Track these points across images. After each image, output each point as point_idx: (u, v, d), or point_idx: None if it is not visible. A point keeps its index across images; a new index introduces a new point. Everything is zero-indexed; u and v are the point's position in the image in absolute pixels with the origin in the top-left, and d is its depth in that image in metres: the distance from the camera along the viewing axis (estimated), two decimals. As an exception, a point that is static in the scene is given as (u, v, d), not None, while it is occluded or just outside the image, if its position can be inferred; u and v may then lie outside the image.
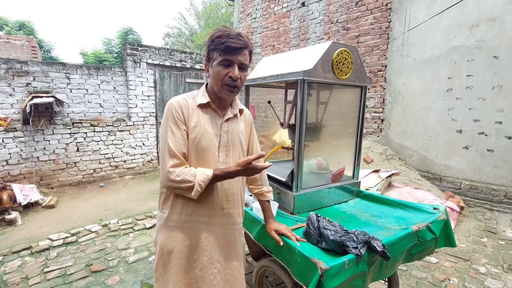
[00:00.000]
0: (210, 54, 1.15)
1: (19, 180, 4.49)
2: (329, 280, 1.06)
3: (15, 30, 14.14)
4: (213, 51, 1.12)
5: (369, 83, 1.94)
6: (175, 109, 1.13)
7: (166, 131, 1.13)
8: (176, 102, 1.16)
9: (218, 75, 1.13)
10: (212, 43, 1.12)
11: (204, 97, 1.19)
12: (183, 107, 1.15)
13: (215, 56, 1.12)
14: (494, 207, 3.74)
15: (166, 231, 1.20)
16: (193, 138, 1.15)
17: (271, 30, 7.02)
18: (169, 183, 1.10)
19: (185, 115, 1.15)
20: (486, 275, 2.42)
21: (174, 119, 1.13)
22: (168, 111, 1.15)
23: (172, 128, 1.12)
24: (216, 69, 1.13)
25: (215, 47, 1.11)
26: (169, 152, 1.11)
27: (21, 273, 2.50)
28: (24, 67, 4.57)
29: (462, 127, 4.00)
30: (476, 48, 3.81)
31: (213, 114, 1.22)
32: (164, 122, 1.16)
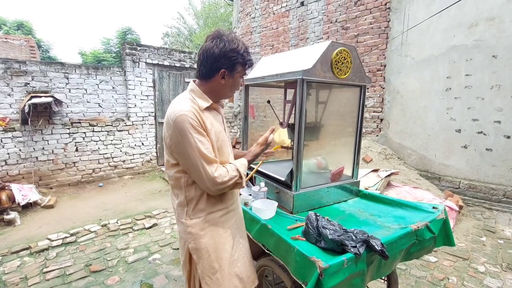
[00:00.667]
0: (235, 66, 1.19)
1: (18, 180, 4.47)
2: (328, 279, 1.06)
3: (13, 29, 14.10)
4: (238, 64, 1.19)
5: (368, 82, 1.94)
6: (192, 119, 1.10)
7: (194, 142, 1.10)
8: (189, 111, 1.12)
9: (237, 85, 1.26)
10: (241, 57, 1.18)
11: (205, 100, 1.21)
12: (197, 115, 1.13)
13: (239, 69, 1.21)
14: (493, 206, 3.75)
15: (209, 231, 1.23)
16: (215, 141, 1.19)
17: (270, 30, 7.02)
18: (219, 187, 1.14)
19: (201, 122, 1.14)
20: (485, 274, 2.42)
21: (195, 129, 1.11)
22: (185, 123, 1.10)
23: (197, 137, 1.11)
24: (237, 80, 1.24)
25: (243, 62, 1.20)
26: (206, 161, 1.12)
27: (20, 273, 2.50)
28: (22, 67, 4.56)
29: (461, 127, 4.00)
30: (475, 48, 3.82)
31: (215, 113, 1.28)
32: (186, 134, 1.10)
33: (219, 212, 1.26)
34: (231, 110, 7.64)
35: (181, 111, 1.11)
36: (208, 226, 1.23)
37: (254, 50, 7.53)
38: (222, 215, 1.27)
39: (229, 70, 1.19)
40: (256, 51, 7.43)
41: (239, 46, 1.16)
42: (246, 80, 2.17)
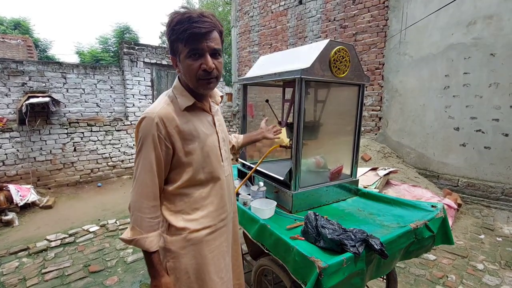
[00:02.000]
0: (174, 46, 0.97)
1: (16, 181, 4.45)
2: (327, 278, 1.06)
3: (10, 29, 13.99)
4: (176, 42, 0.95)
5: (367, 81, 1.94)
6: (157, 125, 0.95)
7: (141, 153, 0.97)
8: (158, 115, 0.96)
9: (189, 70, 0.97)
10: (173, 32, 0.93)
11: (186, 98, 1.03)
12: (166, 121, 0.97)
13: (180, 48, 0.95)
14: (492, 204, 3.76)
15: (191, 251, 1.06)
16: (193, 148, 1.02)
17: (268, 29, 7.00)
18: (135, 212, 0.98)
19: (170, 129, 0.97)
20: (483, 272, 2.43)
21: (154, 140, 0.96)
22: (147, 128, 0.95)
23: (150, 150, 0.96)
24: (185, 63, 0.96)
25: (177, 37, 0.93)
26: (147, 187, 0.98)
27: (18, 274, 2.49)
28: (19, 67, 4.53)
29: (459, 125, 4.01)
30: (473, 46, 3.82)
31: (201, 112, 1.09)
32: (143, 142, 0.96)
33: (205, 231, 1.07)
34: (230, 109, 7.62)
35: (150, 113, 0.97)
36: (190, 245, 1.05)
37: (252, 49, 7.51)
38: (208, 233, 1.09)
39: (174, 55, 1.00)
40: (254, 50, 7.42)
41: (172, 20, 0.94)
42: (244, 80, 2.16)
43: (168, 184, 1.06)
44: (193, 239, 1.06)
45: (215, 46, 0.97)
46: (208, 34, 0.94)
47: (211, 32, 0.95)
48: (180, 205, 1.05)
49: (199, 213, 1.07)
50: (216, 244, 1.12)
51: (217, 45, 0.98)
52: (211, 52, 0.96)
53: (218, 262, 1.13)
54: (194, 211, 1.07)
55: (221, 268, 1.14)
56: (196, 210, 1.07)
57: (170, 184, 1.05)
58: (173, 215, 1.05)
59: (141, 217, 0.97)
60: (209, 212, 1.09)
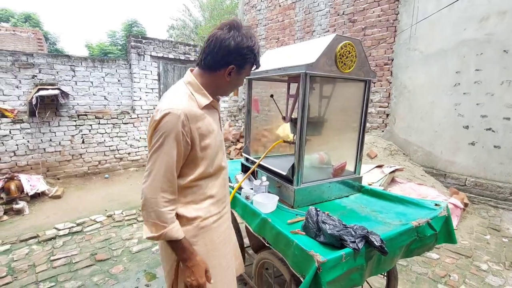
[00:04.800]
0: (245, 64, 1.08)
1: (26, 171, 4.57)
2: (325, 273, 1.07)
3: (21, 22, 14.22)
4: (249, 63, 1.09)
5: (373, 77, 1.91)
6: (183, 123, 0.98)
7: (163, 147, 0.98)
8: (182, 112, 0.98)
9: (238, 83, 1.15)
10: (254, 57, 1.08)
11: (205, 96, 1.09)
12: (190, 118, 1.00)
13: (247, 68, 1.11)
14: (499, 204, 3.70)
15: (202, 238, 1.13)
16: (209, 144, 1.08)
17: (276, 22, 6.94)
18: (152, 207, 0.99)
19: (192, 126, 1.02)
20: (487, 272, 2.41)
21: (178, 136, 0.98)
22: (173, 123, 0.97)
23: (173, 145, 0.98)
24: (240, 78, 1.13)
25: (251, 61, 1.09)
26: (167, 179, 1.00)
27: (28, 260, 2.58)
28: (30, 59, 4.61)
29: (469, 123, 3.93)
30: (485, 42, 3.72)
31: (213, 110, 1.16)
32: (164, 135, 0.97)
33: (213, 218, 1.16)
34: (236, 103, 7.62)
35: (174, 109, 0.98)
36: (201, 233, 1.13)
37: (260, 43, 7.45)
38: (215, 220, 1.17)
39: (238, 67, 1.07)
40: (261, 44, 7.37)
41: (255, 45, 1.06)
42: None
43: (180, 178, 1.07)
44: (204, 227, 1.13)
45: None
46: None
47: None
48: (190, 197, 1.11)
49: (207, 202, 1.14)
50: (222, 230, 1.21)
51: None
52: None
53: (224, 246, 1.23)
54: (202, 201, 1.13)
55: (226, 252, 1.24)
56: (205, 199, 1.14)
57: (182, 178, 1.08)
58: (183, 206, 1.10)
59: (161, 211, 0.99)
60: (215, 200, 1.17)
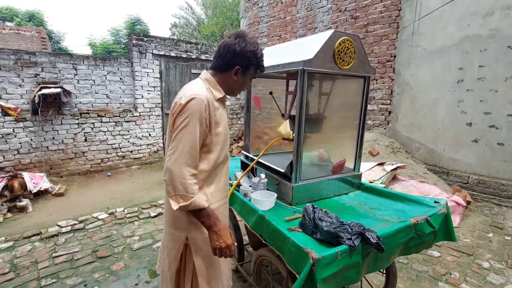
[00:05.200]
0: (249, 65, 1.25)
1: (29, 169, 4.62)
2: (320, 269, 1.06)
3: (25, 21, 14.31)
4: (253, 65, 1.25)
5: (373, 73, 1.89)
6: (205, 107, 1.13)
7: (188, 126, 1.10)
8: (205, 98, 1.14)
9: (244, 86, 1.32)
10: (256, 60, 1.25)
11: (219, 91, 1.26)
12: (210, 104, 1.16)
13: (251, 71, 1.27)
14: (503, 202, 3.66)
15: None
16: (221, 131, 1.23)
17: (277, 19, 6.90)
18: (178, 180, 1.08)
19: (211, 111, 1.16)
20: (489, 270, 2.38)
21: (201, 117, 1.12)
22: (198, 106, 1.11)
23: (197, 125, 1.11)
24: (247, 81, 1.31)
25: (257, 65, 1.26)
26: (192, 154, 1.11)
27: (31, 257, 2.61)
28: (32, 58, 4.64)
29: (472, 120, 3.89)
30: (489, 38, 3.66)
31: (223, 105, 1.32)
32: (189, 116, 1.10)
33: (219, 203, 1.30)
34: (238, 101, 7.62)
35: (199, 95, 1.12)
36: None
37: (261, 40, 7.43)
38: (220, 205, 1.31)
39: (243, 68, 1.24)
40: (263, 42, 7.34)
41: (257, 50, 1.24)
42: (248, 71, 2.14)
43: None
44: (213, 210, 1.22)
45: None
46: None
47: None
48: (201, 181, 1.22)
49: (214, 187, 1.27)
50: (225, 214, 1.37)
51: None
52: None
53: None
54: (211, 186, 1.26)
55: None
56: (212, 184, 1.27)
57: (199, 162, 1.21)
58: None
59: (188, 183, 1.09)
60: (221, 187, 1.31)
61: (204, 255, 1.25)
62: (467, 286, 2.18)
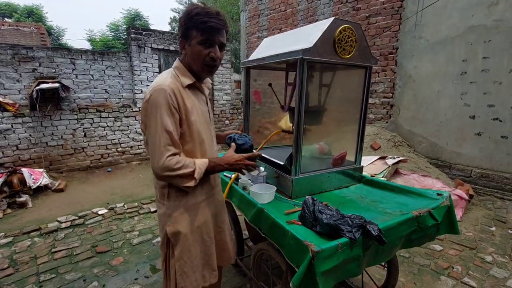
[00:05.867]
0: (188, 32, 1.11)
1: (29, 165, 4.60)
2: (320, 263, 1.03)
3: (24, 17, 14.23)
4: (192, 29, 1.10)
5: (374, 63, 1.84)
6: (170, 96, 1.07)
7: (161, 118, 1.06)
8: (169, 87, 1.08)
9: (199, 55, 1.12)
10: (191, 21, 1.09)
11: (188, 77, 1.17)
12: (175, 92, 1.09)
13: (194, 35, 1.10)
14: (506, 195, 3.61)
15: (188, 216, 1.21)
16: (194, 120, 1.15)
17: (278, 12, 6.80)
18: (167, 172, 1.05)
19: (179, 100, 1.10)
20: (492, 264, 2.35)
21: (169, 107, 1.06)
22: (160, 98, 1.06)
23: (167, 116, 1.06)
24: (196, 48, 1.11)
25: (195, 25, 1.08)
26: (167, 141, 1.06)
27: (30, 252, 2.60)
28: (29, 53, 4.59)
29: (476, 113, 3.83)
30: (494, 28, 3.58)
31: (197, 92, 1.24)
32: (157, 109, 1.06)
33: (200, 197, 1.24)
34: (238, 96, 7.56)
35: (160, 85, 1.08)
36: (187, 211, 1.21)
37: (261, 34, 7.34)
38: (203, 200, 1.26)
39: (185, 39, 1.13)
40: (263, 35, 7.25)
41: (192, 10, 1.09)
42: (246, 62, 2.10)
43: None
44: (191, 205, 1.21)
45: (223, 41, 1.16)
46: (221, 30, 1.13)
47: (223, 30, 1.14)
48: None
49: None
50: (209, 208, 1.30)
51: (225, 40, 1.17)
52: (220, 45, 1.15)
53: (210, 225, 1.31)
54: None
55: (211, 229, 1.31)
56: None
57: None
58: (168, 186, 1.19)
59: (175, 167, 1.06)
60: (204, 181, 1.22)
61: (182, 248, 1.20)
62: (470, 280, 2.15)
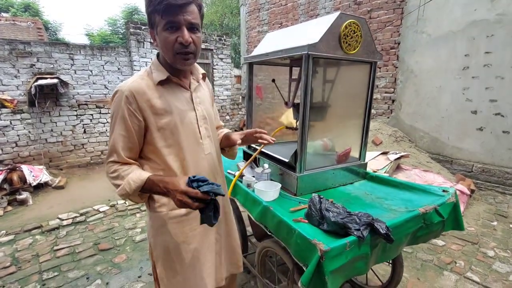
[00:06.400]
0: (151, 19, 0.95)
1: (29, 162, 4.57)
2: (328, 261, 1.02)
3: (20, 11, 14.03)
4: (153, 13, 0.92)
5: (379, 58, 1.82)
6: (126, 98, 0.95)
7: (114, 123, 0.99)
8: (127, 89, 0.95)
9: (166, 43, 0.93)
10: (150, 4, 0.91)
11: (161, 72, 1.01)
12: (136, 94, 0.96)
13: (157, 20, 0.92)
14: (507, 190, 3.62)
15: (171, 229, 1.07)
16: (166, 123, 1.00)
17: (279, 6, 6.73)
18: (108, 178, 1.02)
19: (141, 103, 0.96)
20: (494, 259, 2.37)
21: (123, 111, 0.96)
22: (117, 101, 0.97)
23: (119, 121, 0.97)
24: (162, 36, 0.93)
25: (154, 8, 0.90)
26: (112, 147, 0.99)
27: (32, 250, 2.59)
28: (27, 48, 4.53)
29: (477, 108, 3.81)
30: (497, 23, 3.55)
31: (177, 88, 1.06)
32: (112, 113, 0.99)
33: (184, 210, 1.06)
34: (239, 92, 7.51)
35: (120, 87, 0.98)
36: (170, 223, 1.06)
37: (262, 28, 7.27)
38: (187, 212, 1.08)
39: (152, 28, 0.98)
40: (264, 30, 7.18)
41: None
42: (249, 58, 2.07)
43: (144, 160, 1.06)
44: (172, 217, 1.06)
45: (193, 20, 0.93)
46: (185, 7, 0.91)
47: (189, 5, 0.92)
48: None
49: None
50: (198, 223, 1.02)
51: (195, 19, 0.94)
52: (188, 25, 0.93)
53: (202, 238, 1.13)
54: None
55: (205, 243, 1.15)
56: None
57: (146, 160, 1.06)
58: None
59: (112, 176, 0.99)
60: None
61: (164, 265, 1.10)
62: (473, 274, 2.16)
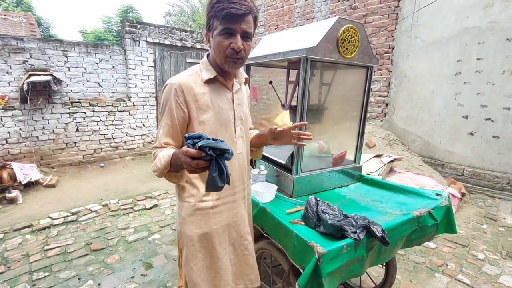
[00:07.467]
0: (210, 22, 1.04)
1: (19, 159, 4.48)
2: (325, 264, 1.03)
3: (12, 6, 13.74)
4: (213, 18, 1.01)
5: (376, 63, 1.84)
6: (175, 91, 1.05)
7: (162, 113, 1.09)
8: (177, 83, 1.05)
9: (219, 47, 1.02)
10: (212, 9, 1.00)
11: (209, 72, 1.11)
12: (185, 89, 1.05)
13: (215, 25, 1.01)
14: (496, 194, 3.71)
15: (197, 220, 1.13)
16: (207, 119, 1.08)
17: (275, 9, 6.75)
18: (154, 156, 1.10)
19: (187, 97, 1.06)
20: (484, 261, 2.42)
21: (171, 102, 1.05)
22: (167, 92, 1.07)
23: (168, 111, 1.07)
24: (217, 40, 1.02)
25: (215, 14, 0.99)
26: (157, 135, 1.11)
27: (22, 250, 2.54)
28: (20, 44, 4.44)
29: (469, 113, 3.89)
30: (488, 30, 3.64)
31: (222, 87, 1.15)
32: (162, 103, 1.10)
33: (210, 202, 1.14)
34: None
35: (172, 81, 1.07)
36: (197, 214, 1.13)
37: (258, 30, 7.28)
38: (213, 206, 1.14)
39: (209, 30, 1.07)
40: (260, 31, 7.20)
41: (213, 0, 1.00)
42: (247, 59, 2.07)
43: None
44: (200, 208, 1.13)
45: (247, 29, 1.02)
46: (243, 17, 0.99)
47: (246, 15, 1.00)
48: (191, 174, 1.11)
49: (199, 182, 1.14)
50: (223, 217, 1.18)
51: (249, 28, 1.03)
52: (242, 34, 1.01)
53: (223, 234, 1.19)
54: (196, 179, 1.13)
55: (225, 240, 1.20)
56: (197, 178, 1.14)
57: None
58: (186, 182, 1.13)
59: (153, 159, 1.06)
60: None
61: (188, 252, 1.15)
62: (463, 277, 2.20)
